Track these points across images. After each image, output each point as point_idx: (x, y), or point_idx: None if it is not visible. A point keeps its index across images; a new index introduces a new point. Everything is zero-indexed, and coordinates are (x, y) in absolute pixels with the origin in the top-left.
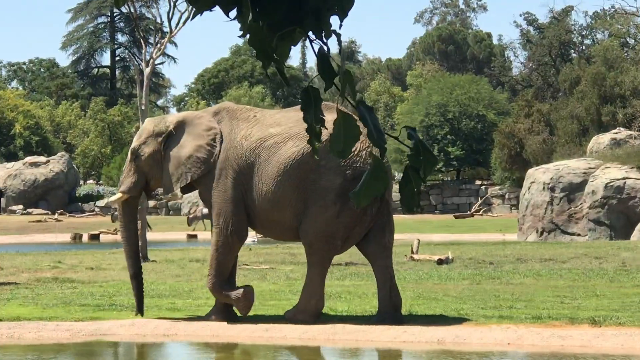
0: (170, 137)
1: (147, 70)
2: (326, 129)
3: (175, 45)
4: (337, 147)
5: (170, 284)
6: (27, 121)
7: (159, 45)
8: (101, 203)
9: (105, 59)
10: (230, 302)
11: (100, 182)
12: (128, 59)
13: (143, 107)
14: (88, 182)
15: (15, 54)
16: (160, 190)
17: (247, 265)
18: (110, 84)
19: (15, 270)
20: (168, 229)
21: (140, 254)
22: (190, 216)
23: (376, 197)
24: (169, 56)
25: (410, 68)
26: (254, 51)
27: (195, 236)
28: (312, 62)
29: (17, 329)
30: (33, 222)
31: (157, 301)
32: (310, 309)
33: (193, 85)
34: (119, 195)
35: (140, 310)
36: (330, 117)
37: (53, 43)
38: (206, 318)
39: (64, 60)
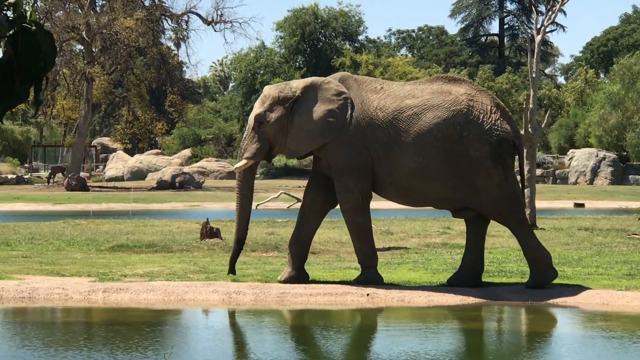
0: (297, 102)
1: (537, 38)
2: None
3: (565, 13)
4: None
5: (558, 252)
6: None
7: (550, 13)
8: None
9: (494, 26)
10: (369, 275)
11: None
12: (517, 27)
13: (534, 75)
14: None
15: (405, 22)
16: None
17: (637, 235)
18: (499, 52)
19: (405, 235)
20: (555, 198)
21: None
22: None
23: None
24: (558, 24)
25: None
26: None
27: (582, 205)
28: None
29: (407, 293)
30: None
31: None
32: (546, 265)
33: (581, 54)
34: (244, 161)
35: (231, 270)
36: (462, 90)
37: (442, 11)
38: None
39: (453, 27)
